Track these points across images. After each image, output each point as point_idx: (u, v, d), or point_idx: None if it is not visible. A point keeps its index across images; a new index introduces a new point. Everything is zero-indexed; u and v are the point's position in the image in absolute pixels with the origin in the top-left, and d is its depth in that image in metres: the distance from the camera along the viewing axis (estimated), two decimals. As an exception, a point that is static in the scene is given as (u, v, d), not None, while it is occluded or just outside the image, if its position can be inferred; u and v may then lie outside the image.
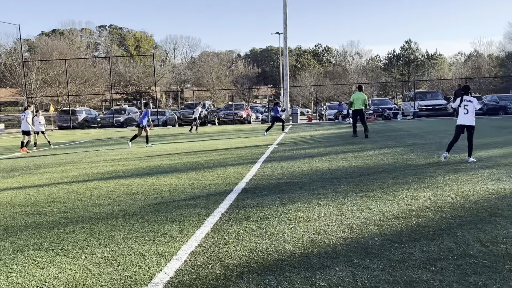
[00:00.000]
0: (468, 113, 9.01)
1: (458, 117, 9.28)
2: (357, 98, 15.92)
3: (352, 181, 7.42)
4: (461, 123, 9.16)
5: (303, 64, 76.80)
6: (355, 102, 15.95)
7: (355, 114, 16.31)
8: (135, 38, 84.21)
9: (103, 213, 5.82)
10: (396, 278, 3.41)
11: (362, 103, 15.87)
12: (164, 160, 11.42)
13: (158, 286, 3.41)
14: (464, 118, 9.08)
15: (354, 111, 16.22)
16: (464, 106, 9.03)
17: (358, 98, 15.89)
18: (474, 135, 9.28)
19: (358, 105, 15.87)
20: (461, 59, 79.79)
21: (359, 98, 15.87)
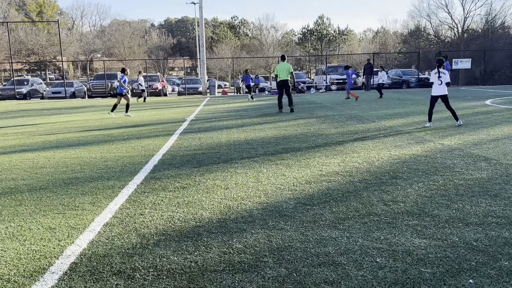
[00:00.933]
0: (442, 84, 9.79)
1: (433, 88, 9.96)
2: (281, 69, 14.97)
3: (268, 151, 7.61)
4: (436, 94, 9.92)
5: (219, 36, 76.01)
6: (279, 73, 14.99)
7: (281, 86, 15.19)
8: (37, 3, 77.24)
9: (6, 188, 5.41)
10: (308, 237, 3.61)
11: (287, 73, 14.91)
12: (73, 133, 10.82)
13: (70, 258, 3.29)
14: (438, 89, 9.86)
15: (280, 83, 15.10)
16: (439, 78, 9.76)
17: (283, 69, 14.94)
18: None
19: (284, 75, 14.90)
20: (370, 35, 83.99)
21: (284, 69, 14.92)
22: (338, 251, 3.33)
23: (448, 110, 10.13)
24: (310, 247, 3.42)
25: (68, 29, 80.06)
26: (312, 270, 3.02)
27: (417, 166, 6.06)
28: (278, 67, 15.16)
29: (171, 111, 17.11)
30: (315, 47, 76.74)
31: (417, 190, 4.90)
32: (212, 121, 12.86)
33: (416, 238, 3.53)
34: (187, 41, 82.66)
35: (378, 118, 12.22)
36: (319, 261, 3.16)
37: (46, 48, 58.79)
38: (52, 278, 2.96)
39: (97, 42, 68.76)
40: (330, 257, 3.22)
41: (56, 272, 3.06)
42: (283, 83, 15.07)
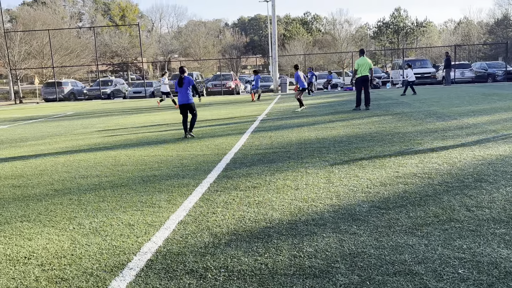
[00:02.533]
0: None
1: None
2: (363, 64, 14.02)
3: (340, 150, 7.44)
4: None
5: (292, 32, 75.85)
6: (361, 68, 14.05)
7: (362, 82, 14.23)
8: (120, 8, 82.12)
9: (91, 185, 5.79)
10: (382, 243, 3.46)
11: (368, 69, 14.08)
12: (152, 131, 11.34)
13: (147, 255, 3.43)
14: None
15: (360, 79, 14.17)
16: None
17: (364, 64, 14.02)
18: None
19: (365, 71, 14.05)
20: (451, 26, 79.35)
21: (365, 64, 14.03)
22: (415, 259, 3.15)
23: None
24: (385, 254, 3.27)
25: (148, 31, 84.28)
26: (387, 279, 2.88)
27: (505, 168, 5.59)
28: (359, 62, 14.15)
29: (243, 110, 17.35)
30: (391, 40, 73.98)
31: (504, 195, 4.52)
32: (283, 119, 12.84)
33: (504, 249, 3.25)
34: (259, 39, 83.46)
35: (460, 115, 11.48)
36: (395, 269, 3.01)
37: (128, 50, 62.28)
38: (130, 274, 3.10)
39: (174, 43, 71.65)
40: (407, 265, 3.06)
41: (133, 268, 3.20)
42: (364, 79, 14.20)
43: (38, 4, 68.03)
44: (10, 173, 6.80)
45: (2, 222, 4.37)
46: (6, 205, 4.97)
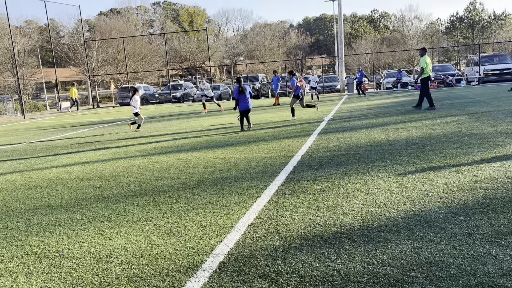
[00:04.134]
0: None
1: None
2: (429, 63, 13.74)
3: (413, 152, 7.16)
4: None
5: (358, 31, 74.21)
6: (427, 68, 13.67)
7: (428, 82, 13.99)
8: (188, 13, 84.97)
9: (165, 186, 6.03)
10: (462, 253, 3.28)
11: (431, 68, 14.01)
12: (220, 134, 11.60)
13: (219, 257, 3.50)
14: None
15: (428, 78, 13.88)
16: None
17: (429, 63, 13.81)
18: None
19: (429, 71, 13.85)
20: (533, 18, 73.50)
21: (430, 63, 13.87)
22: (499, 271, 2.95)
23: None
24: (465, 264, 3.10)
25: (215, 35, 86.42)
26: (468, 291, 2.73)
27: None
28: (428, 61, 13.68)
29: (309, 111, 17.23)
30: (465, 35, 69.99)
31: None
32: (351, 120, 12.59)
33: None
34: (325, 39, 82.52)
35: (546, 114, 10.61)
36: (477, 281, 2.84)
37: (196, 54, 64.25)
38: (204, 276, 3.18)
39: (240, 46, 72.84)
40: (490, 277, 2.88)
41: (207, 269, 3.29)
42: (428, 79, 13.92)
43: (113, 13, 72.17)
44: (91, 174, 7.26)
45: (86, 222, 4.68)
46: (88, 205, 5.31)
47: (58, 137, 13.98)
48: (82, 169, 7.78)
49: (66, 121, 21.76)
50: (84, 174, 7.34)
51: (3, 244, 4.16)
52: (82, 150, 10.38)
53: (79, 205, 5.37)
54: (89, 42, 42.07)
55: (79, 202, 5.51)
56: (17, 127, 20.27)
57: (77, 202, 5.49)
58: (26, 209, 5.32)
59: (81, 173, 7.45)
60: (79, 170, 7.75)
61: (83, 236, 4.22)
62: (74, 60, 43.96)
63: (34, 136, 14.84)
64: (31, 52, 46.88)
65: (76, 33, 46.33)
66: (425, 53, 13.92)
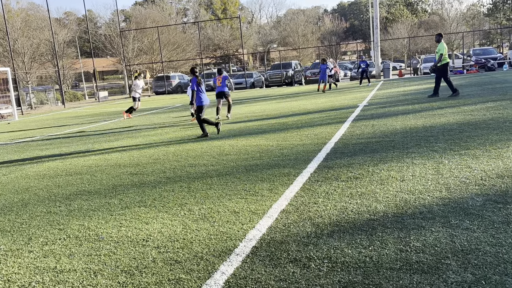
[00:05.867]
0: None
1: None
2: (446, 49, 13.52)
3: (450, 139, 6.97)
4: None
5: (395, 15, 72.24)
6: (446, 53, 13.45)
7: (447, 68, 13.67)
8: (222, 1, 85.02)
9: (199, 173, 6.14)
10: (500, 241, 3.20)
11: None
12: (253, 122, 11.64)
13: (252, 242, 3.56)
14: None
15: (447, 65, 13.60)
16: None
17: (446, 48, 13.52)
18: None
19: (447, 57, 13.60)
20: None
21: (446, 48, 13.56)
22: (539, 260, 2.87)
23: None
24: (503, 252, 3.02)
25: (248, 22, 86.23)
26: (506, 280, 2.67)
27: None
28: (446, 47, 13.43)
29: (344, 97, 17.01)
30: (508, 17, 66.87)
31: None
32: (386, 107, 12.35)
33: None
34: (360, 24, 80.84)
35: None
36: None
37: (229, 42, 64.38)
38: (237, 260, 3.25)
39: (273, 33, 72.40)
40: (529, 266, 2.80)
41: (240, 254, 3.35)
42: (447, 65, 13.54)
43: (148, 3, 73.17)
44: (128, 161, 7.47)
45: (124, 207, 4.84)
46: (126, 191, 5.49)
47: (96, 125, 14.42)
48: (120, 156, 8.02)
49: (104, 110, 22.38)
50: (121, 161, 7.56)
51: (47, 227, 4.36)
52: (120, 137, 10.67)
53: (117, 191, 5.55)
54: (125, 32, 42.88)
55: (117, 188, 5.69)
56: (58, 116, 21.04)
57: (115, 188, 5.68)
58: (67, 195, 5.55)
59: (119, 160, 7.67)
60: (117, 157, 7.98)
61: (121, 221, 4.37)
62: (110, 50, 45.01)
63: (74, 125, 15.36)
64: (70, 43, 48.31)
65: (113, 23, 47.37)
66: (441, 38, 13.62)
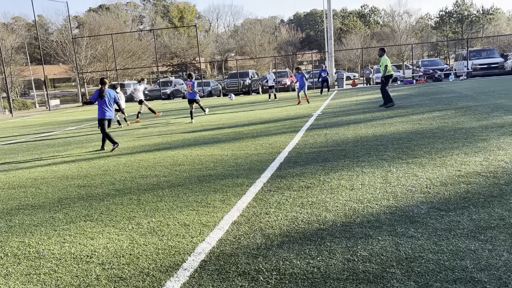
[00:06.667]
0: None
1: None
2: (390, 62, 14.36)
3: (399, 147, 7.19)
4: None
5: (348, 26, 74.31)
6: (390, 66, 14.21)
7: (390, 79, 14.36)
8: (178, 9, 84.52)
9: (150, 184, 6.00)
10: (442, 248, 3.30)
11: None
12: (208, 131, 11.56)
13: (201, 255, 3.49)
14: None
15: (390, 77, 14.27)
16: None
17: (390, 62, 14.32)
18: None
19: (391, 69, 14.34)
20: (521, 12, 74.13)
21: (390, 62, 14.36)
22: (477, 266, 2.97)
23: None
24: (444, 259, 3.11)
25: (206, 31, 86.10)
26: (446, 286, 2.75)
27: None
28: (389, 60, 14.19)
29: (299, 107, 17.24)
30: (454, 30, 70.41)
31: None
32: (339, 116, 12.62)
33: None
34: (315, 34, 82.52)
35: (531, 108, 10.71)
36: (455, 276, 2.86)
37: (186, 50, 63.96)
38: (184, 275, 3.17)
39: (231, 41, 72.61)
40: (468, 272, 2.90)
41: (188, 269, 3.27)
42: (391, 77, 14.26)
43: (102, 10, 71.58)
44: (77, 173, 7.20)
45: (68, 222, 4.64)
46: (72, 205, 5.27)
47: (45, 135, 13.86)
48: (68, 168, 7.72)
49: (54, 119, 21.57)
50: (69, 172, 7.28)
51: (-16, 245, 4.11)
52: (69, 148, 10.29)
53: (62, 204, 5.32)
54: (78, 39, 41.69)
55: (63, 201, 5.46)
56: (4, 125, 20.08)
57: (61, 202, 5.44)
58: (8, 209, 5.27)
59: (67, 171, 7.38)
60: (65, 168, 7.68)
61: (65, 236, 4.18)
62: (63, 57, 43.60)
63: (21, 134, 14.69)
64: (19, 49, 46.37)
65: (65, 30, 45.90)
66: (384, 53, 14.35)
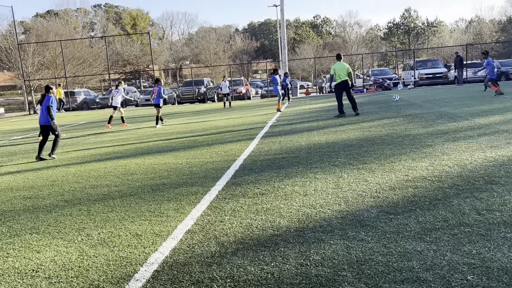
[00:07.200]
0: None
1: None
2: (339, 69, 13.56)
3: (350, 154, 7.38)
4: None
5: (302, 36, 75.86)
6: (337, 74, 13.58)
7: (341, 88, 13.71)
8: (131, 16, 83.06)
9: (101, 195, 5.83)
10: (391, 250, 3.41)
11: (346, 74, 13.55)
12: (162, 139, 11.40)
13: (153, 265, 3.43)
14: None
15: (339, 85, 13.67)
16: None
17: (341, 69, 13.55)
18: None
19: (343, 76, 13.55)
20: (462, 25, 78.50)
21: (343, 69, 13.54)
22: (423, 266, 3.10)
23: None
24: (393, 261, 3.22)
25: (159, 38, 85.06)
26: (394, 287, 2.84)
27: (517, 170, 5.48)
28: (336, 67, 13.67)
29: (254, 115, 17.36)
30: (402, 41, 73.53)
31: (516, 197, 4.43)
32: (293, 124, 12.81)
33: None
34: (270, 44, 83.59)
35: (472, 115, 11.33)
36: (402, 277, 2.97)
37: (140, 58, 62.91)
38: (136, 286, 3.10)
39: (185, 49, 72.16)
40: (415, 272, 3.01)
41: (140, 279, 3.20)
42: (344, 85, 13.67)
43: (51, 15, 69.15)
44: (22, 184, 6.88)
45: (12, 235, 4.42)
46: (16, 217, 5.03)
47: (-12, 145, 13.15)
48: (13, 179, 7.36)
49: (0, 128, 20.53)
50: (14, 184, 6.95)
51: None
52: (14, 158, 9.82)
53: (6, 217, 5.06)
54: (24, 45, 40.02)
55: (7, 214, 5.20)
56: None
57: (4, 215, 5.18)
58: None
59: (11, 183, 7.04)
60: (9, 180, 7.32)
61: (8, 251, 3.98)
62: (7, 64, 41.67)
63: (-39, 145, 13.88)
64: (-42, 55, 43.92)
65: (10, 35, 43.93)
66: (338, 59, 13.91)
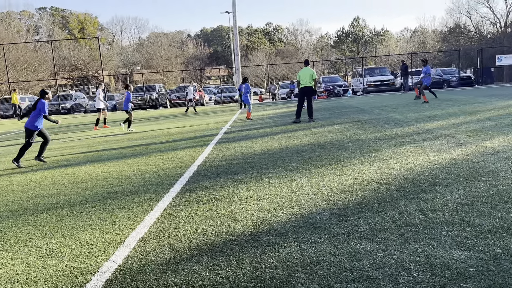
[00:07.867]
0: None
1: None
2: (303, 75, 13.79)
3: (303, 159, 7.54)
4: None
5: (254, 43, 76.59)
6: (302, 79, 13.79)
7: (303, 94, 13.96)
8: (79, 20, 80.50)
9: (48, 204, 5.61)
10: (342, 251, 3.52)
11: (310, 80, 13.70)
12: (113, 147, 11.13)
13: (106, 274, 3.35)
14: None
15: (302, 90, 13.93)
16: None
17: (305, 74, 13.76)
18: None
19: (306, 81, 13.71)
20: (407, 34, 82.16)
21: (307, 74, 13.73)
22: (373, 265, 3.23)
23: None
24: (344, 261, 3.33)
25: (109, 43, 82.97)
26: (346, 286, 2.94)
27: (458, 172, 5.82)
28: (301, 73, 13.95)
29: (208, 121, 17.31)
30: (351, 49, 75.84)
31: (457, 197, 4.70)
32: (247, 130, 12.90)
33: (455, 250, 3.37)
34: (223, 50, 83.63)
35: (417, 120, 11.88)
36: (353, 276, 3.08)
37: (89, 63, 61.02)
38: (88, 296, 3.02)
39: (136, 55, 70.82)
40: (365, 272, 3.13)
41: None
42: (306, 90, 13.85)
43: (-9, 18, 65.73)
44: (-38, 195, 6.50)
45: (-48, 248, 4.17)
46: (-44, 230, 4.75)
47: None
48: (-49, 190, 6.94)
49: None
50: (-48, 195, 6.54)
51: None
52: (-48, 168, 9.25)
53: None
54: (-38, 48, 37.80)
55: None
56: None
57: None
58: None
59: (-51, 194, 6.63)
60: None
61: None
62: None
63: None
64: None
65: None
66: (306, 65, 14.14)
